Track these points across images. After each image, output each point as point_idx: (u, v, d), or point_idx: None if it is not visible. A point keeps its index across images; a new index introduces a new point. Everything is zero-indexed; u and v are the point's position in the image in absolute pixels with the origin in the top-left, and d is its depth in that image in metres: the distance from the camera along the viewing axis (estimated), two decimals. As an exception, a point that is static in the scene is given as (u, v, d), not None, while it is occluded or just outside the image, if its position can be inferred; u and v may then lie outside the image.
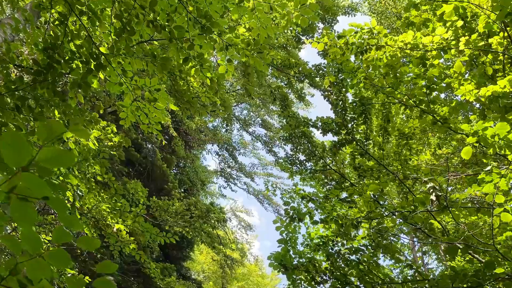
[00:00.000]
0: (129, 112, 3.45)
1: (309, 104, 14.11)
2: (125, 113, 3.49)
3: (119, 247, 6.07)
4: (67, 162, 1.00)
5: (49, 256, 1.19)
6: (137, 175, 10.94)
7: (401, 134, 7.79)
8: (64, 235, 1.18)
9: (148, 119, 3.48)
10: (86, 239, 1.36)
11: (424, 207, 5.39)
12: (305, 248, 8.22)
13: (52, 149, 0.98)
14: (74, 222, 1.21)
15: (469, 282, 4.90)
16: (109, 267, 1.30)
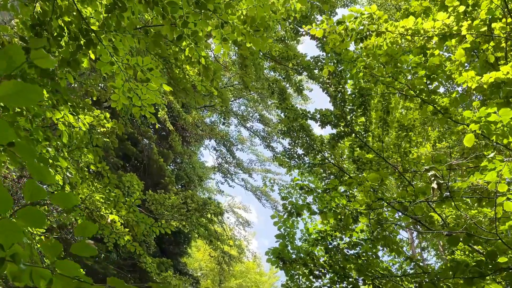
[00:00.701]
0: (121, 94, 3.32)
1: (307, 98, 14.01)
2: (117, 95, 3.36)
3: (114, 239, 5.94)
4: (32, 98, 0.88)
5: (21, 216, 1.06)
6: (133, 170, 10.79)
7: (401, 126, 7.69)
8: (37, 191, 1.05)
9: (140, 101, 3.35)
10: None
11: (424, 197, 5.28)
12: (303, 243, 8.11)
13: (14, 83, 0.85)
14: (45, 173, 1.08)
15: (470, 272, 4.80)
16: (88, 229, 1.18)
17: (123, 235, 5.91)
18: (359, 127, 8.11)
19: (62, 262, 1.15)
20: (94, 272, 8.64)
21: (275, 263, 7.92)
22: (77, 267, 1.16)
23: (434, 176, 4.61)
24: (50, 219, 6.06)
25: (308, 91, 14.88)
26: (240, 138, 17.44)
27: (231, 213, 19.40)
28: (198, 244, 24.65)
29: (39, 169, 1.06)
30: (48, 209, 5.84)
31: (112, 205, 5.40)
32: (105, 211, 5.42)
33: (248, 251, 19.72)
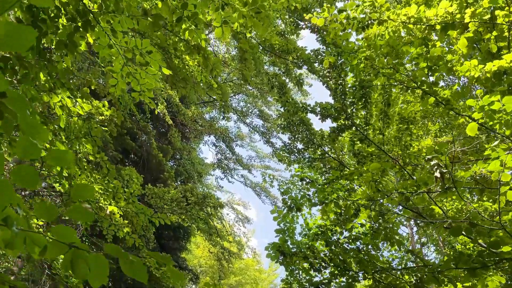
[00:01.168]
0: (120, 78, 3.26)
1: (307, 94, 13.94)
2: (115, 80, 3.30)
3: (113, 231, 5.88)
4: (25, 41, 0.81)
5: (14, 174, 1.00)
6: (132, 165, 10.71)
7: (402, 119, 7.63)
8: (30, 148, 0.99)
9: (139, 85, 3.28)
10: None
11: (426, 187, 5.23)
12: (303, 238, 8.06)
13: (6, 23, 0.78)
14: (39, 128, 1.02)
15: (473, 263, 4.75)
16: (87, 191, 1.12)
17: (122, 227, 5.85)
18: (359, 120, 8.05)
19: (57, 227, 1.08)
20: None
21: (275, 258, 7.87)
22: (73, 232, 1.10)
23: (436, 165, 4.56)
24: (48, 211, 6.00)
25: (308, 86, 14.84)
26: (240, 134, 17.38)
27: (230, 210, 19.37)
28: (197, 241, 24.63)
29: (33, 124, 1.00)
30: (45, 199, 5.78)
31: (111, 196, 5.34)
32: (104, 202, 5.35)
33: (248, 247, 19.69)
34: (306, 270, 7.71)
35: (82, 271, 1.11)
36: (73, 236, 1.11)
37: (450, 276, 6.54)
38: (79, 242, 1.12)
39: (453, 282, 6.50)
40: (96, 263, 1.11)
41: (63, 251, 1.12)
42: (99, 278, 1.10)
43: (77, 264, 1.11)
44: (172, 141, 14.31)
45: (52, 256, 1.12)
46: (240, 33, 9.17)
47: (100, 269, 1.10)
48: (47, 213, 1.12)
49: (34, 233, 1.10)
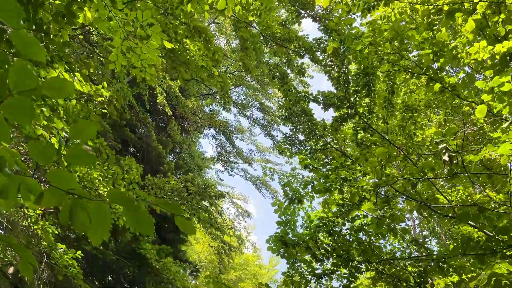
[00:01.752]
0: (119, 54, 3.13)
1: (308, 86, 13.81)
2: (115, 55, 3.17)
3: (113, 219, 5.76)
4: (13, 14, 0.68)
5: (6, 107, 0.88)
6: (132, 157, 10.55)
7: (406, 107, 7.51)
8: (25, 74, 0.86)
9: (140, 61, 3.16)
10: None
11: (433, 173, 5.12)
12: (305, 230, 7.96)
13: None
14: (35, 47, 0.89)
15: (482, 249, 4.65)
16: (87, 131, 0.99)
17: (123, 216, 5.73)
18: (363, 109, 7.93)
19: (54, 171, 0.96)
20: (93, 258, 8.48)
21: (276, 251, 7.76)
22: (73, 178, 0.97)
23: (445, 149, 4.44)
24: (47, 200, 5.88)
25: (309, 78, 14.71)
26: (240, 128, 17.25)
27: (230, 204, 19.26)
28: (197, 236, 24.54)
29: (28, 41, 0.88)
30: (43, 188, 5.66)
31: (111, 183, 5.22)
32: (103, 189, 5.23)
33: (248, 242, 19.60)
34: (308, 262, 7.62)
35: (82, 223, 0.99)
36: (72, 182, 0.99)
37: (456, 266, 6.45)
38: (79, 189, 1.00)
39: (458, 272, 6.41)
40: (97, 212, 0.99)
41: (61, 199, 1.00)
42: (101, 229, 0.98)
43: (76, 214, 0.99)
44: (171, 135, 14.18)
45: (48, 204, 1.00)
46: (241, 22, 9.03)
47: (102, 219, 0.98)
48: (44, 155, 1.00)
49: (28, 178, 0.98)
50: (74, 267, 6.20)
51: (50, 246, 6.09)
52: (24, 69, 0.86)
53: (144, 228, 1.00)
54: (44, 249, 5.86)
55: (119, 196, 0.98)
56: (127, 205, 0.98)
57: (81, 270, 6.17)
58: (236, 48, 13.93)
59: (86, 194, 1.00)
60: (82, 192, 1.00)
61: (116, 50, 3.14)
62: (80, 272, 6.12)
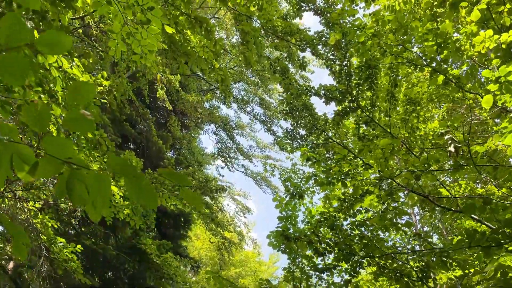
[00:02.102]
0: (119, 40, 3.05)
1: (309, 80, 13.73)
2: (115, 41, 3.09)
3: (113, 213, 5.70)
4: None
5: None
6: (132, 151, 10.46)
7: (409, 100, 7.43)
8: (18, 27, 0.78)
9: (140, 47, 3.08)
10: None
11: (437, 164, 5.05)
12: (306, 225, 7.90)
13: None
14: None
15: (488, 241, 4.58)
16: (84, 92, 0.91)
17: (123, 209, 5.67)
18: (365, 102, 7.85)
19: (50, 138, 0.89)
20: (93, 253, 8.43)
21: (277, 247, 7.70)
22: (70, 145, 0.90)
23: (451, 139, 4.37)
24: (46, 193, 5.81)
25: (310, 73, 14.62)
26: (240, 124, 17.16)
27: (231, 201, 19.18)
28: (197, 233, 24.51)
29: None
30: (41, 181, 5.58)
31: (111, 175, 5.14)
32: (103, 182, 5.15)
33: (249, 238, 19.55)
34: (309, 257, 7.56)
35: (79, 195, 0.92)
36: (69, 150, 0.91)
37: (459, 260, 6.38)
38: (77, 158, 0.92)
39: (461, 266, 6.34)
40: (96, 184, 0.91)
41: (57, 170, 0.92)
42: (100, 202, 0.90)
43: (73, 186, 0.91)
44: (171, 130, 14.10)
45: (44, 175, 0.93)
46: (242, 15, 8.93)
47: (101, 191, 0.90)
48: (39, 120, 0.92)
49: (23, 145, 0.90)
50: (74, 261, 6.14)
51: (49, 240, 6.03)
52: (17, 22, 0.79)
53: (147, 199, 0.92)
54: (43, 243, 5.80)
55: (120, 164, 0.90)
56: (128, 174, 0.90)
57: (81, 264, 6.11)
58: (237, 43, 13.84)
59: (85, 163, 0.92)
60: (80, 162, 0.92)
61: (116, 35, 3.06)
62: (80, 266, 6.05)
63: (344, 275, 7.71)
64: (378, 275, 7.15)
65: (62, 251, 6.05)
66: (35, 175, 0.93)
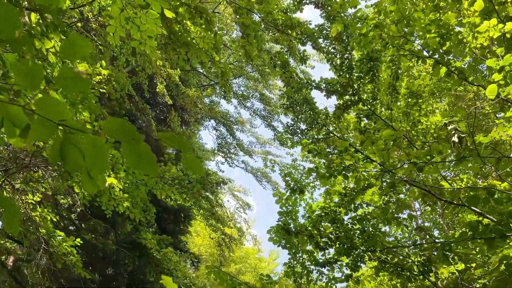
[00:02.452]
0: (118, 25, 2.99)
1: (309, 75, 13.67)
2: (113, 26, 3.02)
3: (113, 206, 5.64)
4: None
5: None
6: (132, 147, 10.34)
7: (410, 93, 7.38)
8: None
9: (139, 32, 3.02)
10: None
11: (440, 156, 4.99)
12: (306, 220, 7.87)
13: None
14: None
15: (491, 232, 4.53)
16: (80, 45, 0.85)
17: (122, 202, 5.61)
18: (366, 95, 7.80)
19: (43, 98, 0.83)
20: (93, 248, 8.38)
21: (278, 242, 7.65)
22: (64, 107, 0.84)
23: (454, 129, 4.32)
24: (45, 186, 5.75)
25: (311, 68, 14.56)
26: (240, 119, 17.11)
27: (231, 197, 19.15)
28: (197, 230, 24.50)
29: None
30: (40, 174, 5.53)
31: (110, 167, 5.09)
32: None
33: (249, 234, 19.53)
34: (309, 252, 7.52)
35: (74, 161, 0.86)
36: (63, 112, 0.85)
37: (461, 254, 6.33)
38: (72, 120, 0.87)
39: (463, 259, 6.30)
40: (92, 149, 0.85)
41: (51, 133, 0.86)
42: (96, 169, 0.85)
43: (68, 152, 0.85)
44: (171, 126, 14.04)
45: (37, 138, 0.87)
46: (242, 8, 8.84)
47: (98, 157, 0.85)
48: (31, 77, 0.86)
49: (13, 105, 0.84)
50: (73, 254, 6.09)
51: (48, 233, 5.98)
52: None
53: (146, 165, 0.87)
54: (42, 236, 5.75)
55: (117, 126, 0.84)
56: (126, 136, 0.85)
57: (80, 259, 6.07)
58: (237, 37, 13.77)
59: (80, 126, 0.87)
60: (75, 124, 0.86)
61: (115, 21, 3.00)
62: (79, 259, 6.01)
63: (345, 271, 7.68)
64: (379, 270, 7.11)
65: (62, 244, 6.00)
66: (28, 139, 0.87)
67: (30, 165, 5.45)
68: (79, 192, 5.69)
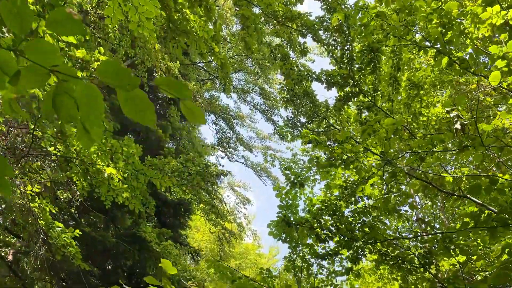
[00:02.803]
0: (116, 7, 2.93)
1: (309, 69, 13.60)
2: (111, 8, 2.97)
3: (112, 196, 5.60)
4: None
5: None
6: (131, 141, 10.34)
7: (412, 84, 7.32)
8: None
9: (137, 14, 2.96)
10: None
11: (442, 145, 4.95)
12: (307, 214, 7.84)
13: None
14: None
15: (494, 221, 4.49)
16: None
17: (121, 192, 5.57)
18: (367, 87, 7.75)
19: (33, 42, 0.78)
20: (93, 241, 8.35)
21: (278, 236, 7.62)
22: (56, 51, 0.79)
23: (457, 117, 4.27)
24: (43, 177, 5.71)
25: (311, 62, 14.50)
26: (240, 114, 17.05)
27: (231, 192, 19.13)
28: (197, 225, 24.49)
29: None
30: (39, 164, 5.48)
31: (109, 156, 5.04)
32: (101, 163, 5.05)
33: (249, 229, 19.53)
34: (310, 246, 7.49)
35: (68, 112, 0.81)
36: (56, 57, 0.80)
37: (462, 245, 6.30)
38: (65, 66, 0.82)
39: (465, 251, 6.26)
40: (87, 98, 0.81)
41: (42, 80, 0.81)
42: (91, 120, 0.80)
43: (61, 102, 0.81)
44: (171, 121, 14.00)
45: (28, 86, 0.82)
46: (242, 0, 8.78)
47: (93, 105, 0.80)
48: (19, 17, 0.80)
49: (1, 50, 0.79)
50: (72, 246, 6.05)
51: (47, 225, 5.94)
52: None
53: (143, 114, 0.82)
54: (41, 227, 5.71)
55: (111, 69, 0.79)
56: (122, 81, 0.79)
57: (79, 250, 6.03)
58: (237, 31, 13.71)
59: (73, 72, 0.82)
60: (68, 70, 0.81)
61: (112, 2, 2.94)
62: (78, 251, 5.97)
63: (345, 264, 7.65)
64: (379, 263, 7.09)
65: (61, 236, 5.96)
66: (18, 86, 0.82)
67: (29, 155, 5.41)
68: (77, 182, 5.65)
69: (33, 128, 4.88)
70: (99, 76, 0.78)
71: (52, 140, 5.10)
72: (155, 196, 9.01)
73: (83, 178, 5.50)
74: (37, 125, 4.79)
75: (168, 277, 2.11)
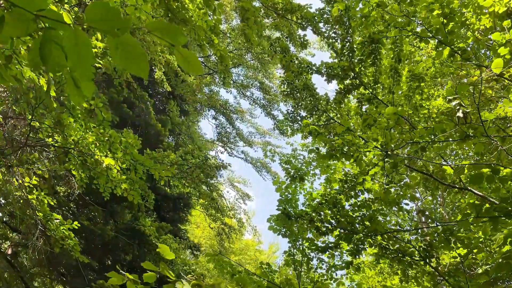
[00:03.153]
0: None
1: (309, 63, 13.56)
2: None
3: (110, 188, 5.55)
4: None
5: None
6: (130, 135, 10.28)
7: (413, 76, 7.27)
8: None
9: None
10: None
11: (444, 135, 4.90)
12: (307, 207, 7.81)
13: None
14: None
15: (496, 211, 4.45)
16: None
17: (120, 184, 5.52)
18: (368, 79, 7.70)
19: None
20: (92, 234, 8.31)
21: (277, 231, 7.59)
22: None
23: (459, 105, 4.22)
24: (41, 168, 5.66)
25: (311, 56, 14.43)
26: (239, 109, 17.00)
27: (230, 187, 19.10)
28: (197, 221, 24.48)
29: None
30: (36, 155, 5.43)
31: (107, 147, 4.99)
32: (99, 154, 5.00)
33: (249, 225, 19.52)
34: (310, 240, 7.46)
35: (56, 60, 0.76)
36: (42, 1, 0.75)
37: (463, 238, 6.27)
38: (52, 11, 0.76)
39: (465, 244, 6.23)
40: (75, 46, 0.75)
41: (28, 28, 0.76)
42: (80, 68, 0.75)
43: (48, 51, 0.76)
44: (170, 116, 13.94)
45: (12, 33, 0.77)
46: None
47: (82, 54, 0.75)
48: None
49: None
50: (71, 238, 6.01)
51: (45, 217, 5.89)
52: None
53: (135, 62, 0.76)
54: (39, 219, 5.67)
55: (99, 12, 0.73)
56: (112, 26, 0.74)
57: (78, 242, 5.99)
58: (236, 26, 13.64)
59: (61, 17, 0.77)
60: (55, 15, 0.76)
61: (109, -16, 2.89)
62: (77, 243, 5.93)
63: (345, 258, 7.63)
64: (380, 257, 7.06)
65: (59, 228, 5.92)
66: (2, 33, 0.77)
67: (26, 146, 5.35)
68: (75, 173, 5.60)
69: (31, 119, 4.82)
70: (87, 21, 0.73)
71: (50, 130, 5.04)
72: (155, 191, 8.97)
73: (81, 169, 5.45)
74: (34, 116, 4.73)
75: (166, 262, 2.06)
